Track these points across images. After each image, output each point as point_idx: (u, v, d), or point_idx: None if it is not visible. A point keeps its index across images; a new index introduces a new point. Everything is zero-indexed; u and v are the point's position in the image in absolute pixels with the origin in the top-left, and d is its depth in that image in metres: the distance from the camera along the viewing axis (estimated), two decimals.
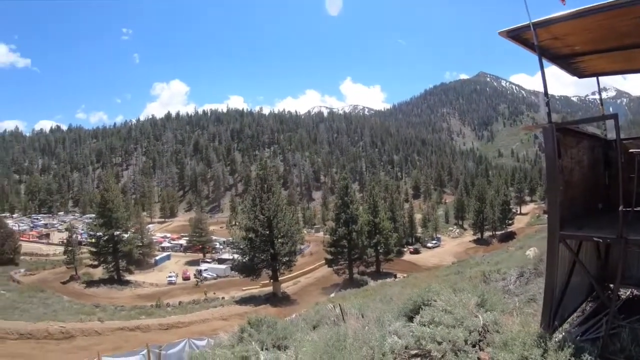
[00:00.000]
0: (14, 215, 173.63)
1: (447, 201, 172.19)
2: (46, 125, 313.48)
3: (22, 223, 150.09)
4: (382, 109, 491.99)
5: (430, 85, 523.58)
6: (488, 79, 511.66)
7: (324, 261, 69.08)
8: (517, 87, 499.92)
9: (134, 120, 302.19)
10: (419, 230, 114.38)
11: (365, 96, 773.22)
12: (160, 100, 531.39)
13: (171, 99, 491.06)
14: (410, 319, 7.93)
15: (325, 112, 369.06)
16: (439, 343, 6.08)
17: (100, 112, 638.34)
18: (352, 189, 69.79)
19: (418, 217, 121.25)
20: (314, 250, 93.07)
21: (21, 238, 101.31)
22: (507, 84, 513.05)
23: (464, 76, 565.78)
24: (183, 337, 16.74)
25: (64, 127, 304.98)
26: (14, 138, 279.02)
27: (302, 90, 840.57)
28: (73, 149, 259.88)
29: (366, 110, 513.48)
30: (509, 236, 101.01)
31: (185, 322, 36.60)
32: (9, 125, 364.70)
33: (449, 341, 6.05)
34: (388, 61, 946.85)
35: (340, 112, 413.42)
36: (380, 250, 69.76)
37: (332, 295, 48.96)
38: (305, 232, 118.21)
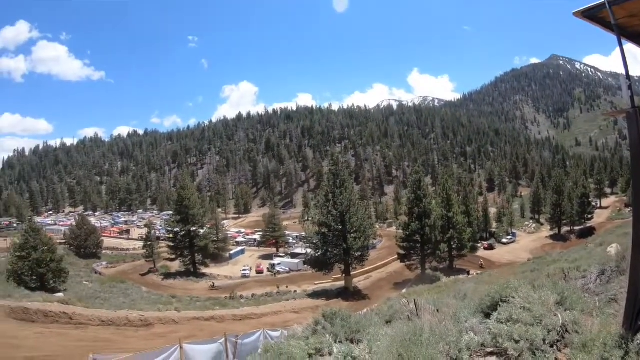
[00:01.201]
0: (96, 214, 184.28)
1: (522, 194, 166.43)
2: (123, 130, 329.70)
3: (104, 220, 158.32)
4: (453, 99, 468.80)
5: (501, 72, 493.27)
6: (561, 62, 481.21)
7: (396, 256, 67.90)
8: (592, 70, 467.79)
9: (206, 122, 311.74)
10: (494, 225, 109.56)
11: (434, 87, 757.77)
12: (230, 101, 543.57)
13: (241, 100, 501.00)
14: (487, 315, 7.73)
15: (395, 105, 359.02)
16: (516, 341, 5.89)
17: (173, 116, 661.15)
18: (424, 183, 67.51)
19: (492, 211, 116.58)
20: (387, 245, 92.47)
21: (103, 234, 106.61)
22: (582, 66, 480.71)
23: (534, 60, 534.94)
24: (255, 328, 16.98)
25: (141, 132, 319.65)
26: (94, 144, 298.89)
27: (369, 84, 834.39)
28: (150, 151, 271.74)
29: (436, 101, 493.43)
30: (588, 232, 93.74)
31: (258, 314, 37.04)
32: (89, 132, 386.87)
33: (527, 340, 5.85)
34: (454, 49, 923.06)
35: (410, 104, 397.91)
36: (454, 246, 68.05)
37: (404, 290, 48.09)
38: (377, 226, 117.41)
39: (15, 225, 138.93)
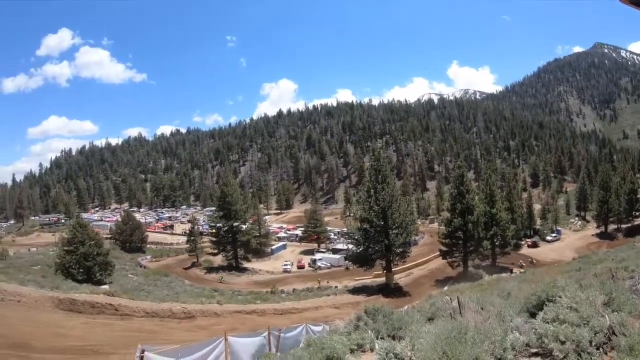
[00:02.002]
0: (141, 210, 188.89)
1: (568, 190, 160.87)
2: (166, 129, 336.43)
3: (149, 216, 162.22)
4: (494, 92, 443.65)
5: (543, 62, 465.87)
6: (606, 50, 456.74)
7: (437, 253, 67.13)
8: (639, 58, 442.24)
9: (247, 120, 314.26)
10: (538, 222, 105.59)
11: (475, 79, 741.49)
12: (270, 99, 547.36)
13: (280, 97, 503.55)
14: (533, 315, 7.60)
15: (436, 99, 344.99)
16: (562, 342, 5.75)
17: (215, 115, 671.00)
18: (467, 178, 66.25)
19: (537, 207, 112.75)
20: (428, 241, 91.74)
21: (148, 229, 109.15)
22: (628, 54, 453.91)
23: (578, 49, 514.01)
24: (296, 323, 17.03)
25: (183, 130, 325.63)
26: (138, 143, 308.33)
27: (408, 78, 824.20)
28: (192, 149, 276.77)
29: (477, 94, 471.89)
30: (636, 230, 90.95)
31: (298, 309, 37.20)
32: (133, 132, 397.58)
33: (573, 341, 5.70)
34: (494, 40, 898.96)
35: (451, 97, 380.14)
36: (497, 243, 66.25)
37: (445, 288, 47.56)
38: (419, 222, 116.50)
39: (63, 221, 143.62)
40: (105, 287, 37.29)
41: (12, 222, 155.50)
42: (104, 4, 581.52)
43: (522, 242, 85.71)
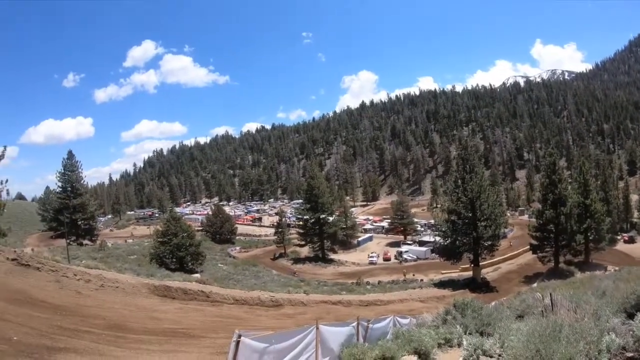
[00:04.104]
0: (230, 203, 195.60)
1: None
2: (252, 126, 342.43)
3: (238, 209, 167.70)
4: (584, 70, 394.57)
5: (634, 35, 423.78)
6: None
7: (527, 247, 63.75)
8: None
9: (330, 113, 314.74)
10: (635, 214, 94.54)
11: (561, 58, 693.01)
12: (351, 91, 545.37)
13: (361, 89, 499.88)
14: (631, 316, 7.24)
15: (522, 82, 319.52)
16: None
17: (298, 110, 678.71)
18: (559, 166, 61.44)
19: (634, 198, 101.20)
20: (518, 234, 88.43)
21: (237, 222, 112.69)
22: None
23: None
24: (381, 315, 17.01)
25: (268, 127, 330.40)
26: (226, 140, 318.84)
27: (491, 61, 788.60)
28: (278, 144, 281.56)
29: (565, 74, 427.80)
30: None
31: (384, 301, 37.01)
32: (219, 131, 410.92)
33: None
34: (578, 13, 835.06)
35: (538, 79, 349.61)
36: (591, 237, 60.37)
37: (535, 285, 45.13)
38: (508, 214, 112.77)
39: (157, 215, 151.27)
40: (197, 275, 38.67)
41: (110, 216, 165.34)
42: (182, 14, 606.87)
43: (618, 237, 79.06)
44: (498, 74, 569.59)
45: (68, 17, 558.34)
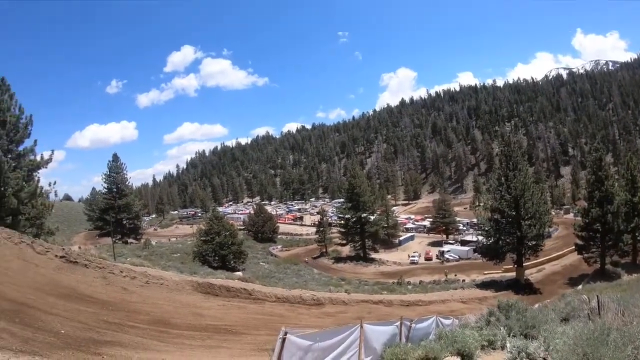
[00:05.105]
0: (271, 203, 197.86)
1: None
2: (292, 126, 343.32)
3: (279, 209, 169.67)
4: (629, 60, 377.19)
5: None
6: None
7: (572, 247, 60.59)
8: None
9: (370, 111, 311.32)
10: None
11: (604, 47, 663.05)
12: (390, 89, 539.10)
13: (400, 86, 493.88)
14: None
15: (564, 74, 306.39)
16: None
17: (337, 109, 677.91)
18: (605, 162, 58.15)
19: None
20: (562, 234, 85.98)
21: (278, 221, 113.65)
22: None
23: None
24: (422, 315, 16.92)
25: (308, 126, 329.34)
26: (266, 141, 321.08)
27: (531, 53, 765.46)
28: (319, 144, 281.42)
29: (610, 64, 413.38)
30: None
31: (425, 301, 36.72)
32: (260, 131, 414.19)
33: None
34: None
35: (581, 71, 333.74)
36: (639, 237, 56.23)
37: (579, 287, 43.69)
38: (553, 212, 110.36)
39: (199, 214, 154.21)
40: (239, 273, 39.25)
41: (154, 216, 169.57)
42: (219, 19, 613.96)
43: None
44: (539, 67, 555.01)
45: (108, 27, 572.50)
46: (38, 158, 34.99)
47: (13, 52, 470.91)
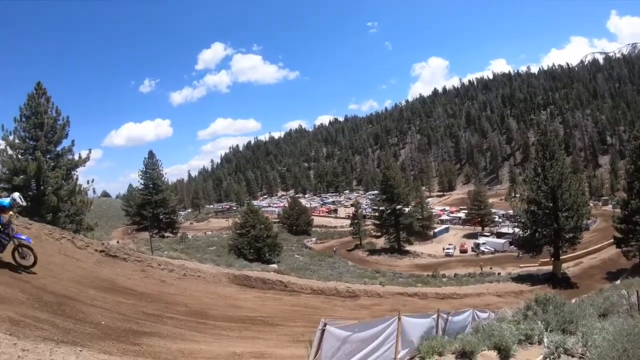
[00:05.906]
0: (306, 196, 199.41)
1: None
2: (325, 119, 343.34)
3: (313, 201, 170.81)
4: None
5: None
6: None
7: (611, 240, 59.04)
8: None
9: (402, 102, 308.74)
10: None
11: None
12: (422, 79, 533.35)
13: (432, 76, 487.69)
14: None
15: (601, 59, 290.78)
16: None
17: (369, 100, 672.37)
18: None
19: None
20: (601, 226, 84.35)
21: (313, 213, 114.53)
22: None
23: None
24: (457, 308, 16.87)
25: (341, 119, 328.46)
26: (299, 134, 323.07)
27: (565, 38, 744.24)
28: (352, 136, 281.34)
29: None
30: None
31: (460, 294, 36.37)
32: (293, 125, 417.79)
33: None
34: None
35: (618, 55, 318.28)
36: None
37: (618, 282, 42.43)
38: (591, 204, 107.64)
39: (234, 208, 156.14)
40: (274, 265, 39.52)
41: (190, 210, 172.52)
42: (248, 15, 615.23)
43: None
44: (574, 52, 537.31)
45: (140, 28, 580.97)
46: (76, 157, 36.13)
47: (50, 55, 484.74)
